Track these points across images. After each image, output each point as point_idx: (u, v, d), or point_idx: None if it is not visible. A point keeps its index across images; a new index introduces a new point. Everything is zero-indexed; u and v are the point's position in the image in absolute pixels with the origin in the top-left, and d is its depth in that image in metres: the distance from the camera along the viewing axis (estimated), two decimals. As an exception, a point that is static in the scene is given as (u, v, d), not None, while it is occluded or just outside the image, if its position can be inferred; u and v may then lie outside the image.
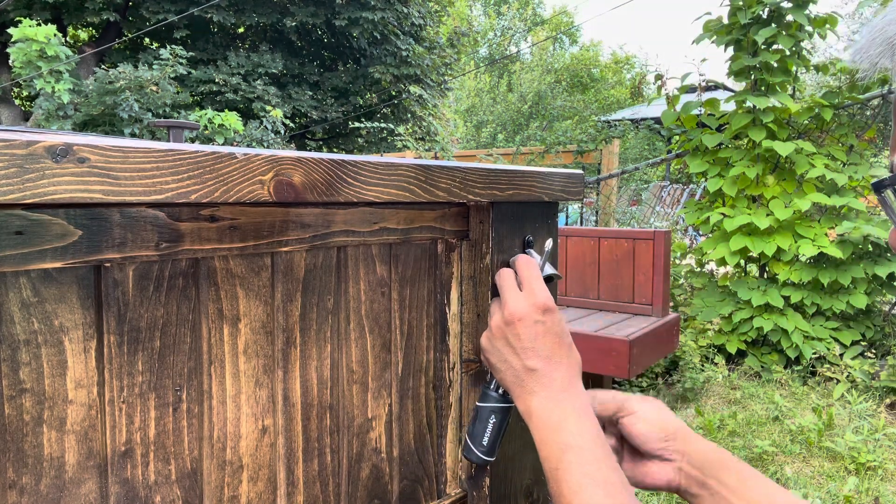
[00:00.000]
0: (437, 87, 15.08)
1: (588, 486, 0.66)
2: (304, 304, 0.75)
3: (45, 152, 0.48)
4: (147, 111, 8.88)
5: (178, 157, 0.56)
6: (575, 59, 25.37)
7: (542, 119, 18.85)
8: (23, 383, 0.54)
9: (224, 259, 0.67)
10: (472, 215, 0.92)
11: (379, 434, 0.85)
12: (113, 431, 0.59)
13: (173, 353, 0.63)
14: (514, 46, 27.50)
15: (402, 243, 0.86)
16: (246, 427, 0.70)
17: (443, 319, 0.93)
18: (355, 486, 0.82)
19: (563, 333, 0.79)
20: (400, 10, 13.55)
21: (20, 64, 8.49)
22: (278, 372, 0.73)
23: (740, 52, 4.85)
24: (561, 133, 8.55)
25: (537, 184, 0.94)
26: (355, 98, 14.53)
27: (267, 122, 9.81)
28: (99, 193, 0.51)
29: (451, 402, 0.95)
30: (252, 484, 0.71)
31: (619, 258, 4.30)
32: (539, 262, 0.91)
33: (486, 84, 24.83)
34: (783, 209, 4.62)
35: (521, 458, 0.99)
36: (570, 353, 0.79)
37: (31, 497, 0.55)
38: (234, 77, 12.18)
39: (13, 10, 11.41)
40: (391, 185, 0.75)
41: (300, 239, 0.73)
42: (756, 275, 5.19)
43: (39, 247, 0.54)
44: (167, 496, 0.64)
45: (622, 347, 3.69)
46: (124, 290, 0.60)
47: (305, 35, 14.40)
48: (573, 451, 0.69)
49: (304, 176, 0.66)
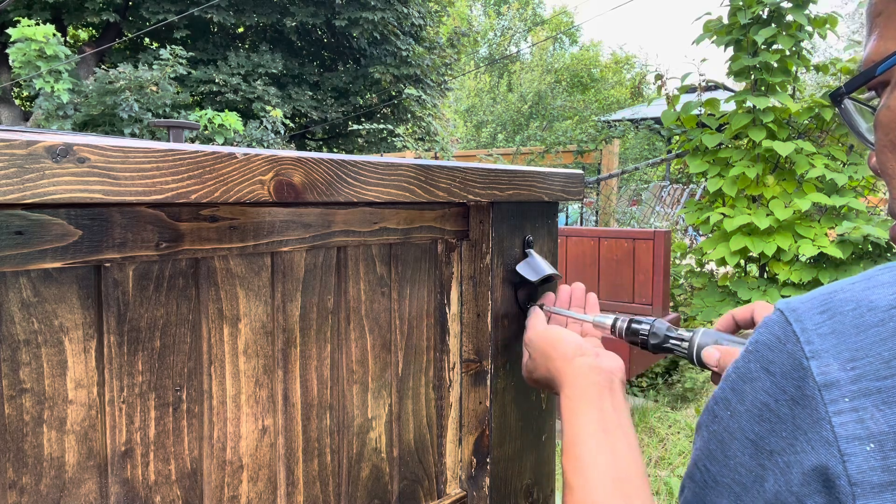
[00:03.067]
0: (437, 87, 15.09)
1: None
2: (304, 304, 0.75)
3: (45, 152, 0.48)
4: (147, 111, 8.88)
5: (178, 157, 0.56)
6: (575, 59, 25.38)
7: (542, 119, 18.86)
8: (23, 383, 0.54)
9: (224, 259, 0.67)
10: (472, 215, 0.92)
11: (379, 434, 0.85)
12: (113, 431, 0.59)
13: (173, 353, 0.63)
14: (514, 46, 27.51)
15: (402, 243, 0.86)
16: (246, 427, 0.70)
17: (443, 319, 0.93)
18: (355, 486, 0.82)
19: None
20: (400, 10, 13.55)
21: (19, 64, 8.49)
22: (278, 372, 0.73)
23: (740, 52, 4.85)
24: (561, 133, 8.55)
25: (537, 184, 0.94)
26: (355, 98, 14.53)
27: (267, 122, 9.82)
28: (99, 193, 0.51)
29: (451, 402, 0.95)
30: (252, 484, 0.71)
31: (619, 258, 4.31)
32: (539, 261, 0.91)
33: (486, 84, 24.83)
34: (783, 209, 4.62)
35: (522, 459, 0.99)
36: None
37: (31, 497, 0.55)
38: (234, 77, 12.18)
39: (13, 11, 11.41)
40: (391, 185, 0.75)
41: (300, 239, 0.73)
42: (756, 275, 5.20)
43: (39, 247, 0.54)
44: (167, 496, 0.64)
45: (622, 348, 3.68)
46: (124, 290, 0.60)
47: (305, 35, 14.40)
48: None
49: (304, 176, 0.66)
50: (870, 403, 0.36)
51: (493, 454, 0.94)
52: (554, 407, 1.03)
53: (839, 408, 0.36)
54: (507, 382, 0.95)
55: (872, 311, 0.38)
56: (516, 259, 0.95)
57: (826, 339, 0.39)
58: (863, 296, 0.39)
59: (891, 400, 0.35)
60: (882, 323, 0.37)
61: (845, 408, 0.36)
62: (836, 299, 0.40)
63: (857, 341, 0.38)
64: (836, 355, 0.38)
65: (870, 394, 0.36)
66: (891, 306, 0.38)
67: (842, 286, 0.41)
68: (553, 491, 1.06)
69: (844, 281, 0.41)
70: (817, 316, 0.40)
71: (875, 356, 0.37)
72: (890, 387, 0.36)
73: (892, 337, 0.37)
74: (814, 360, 0.38)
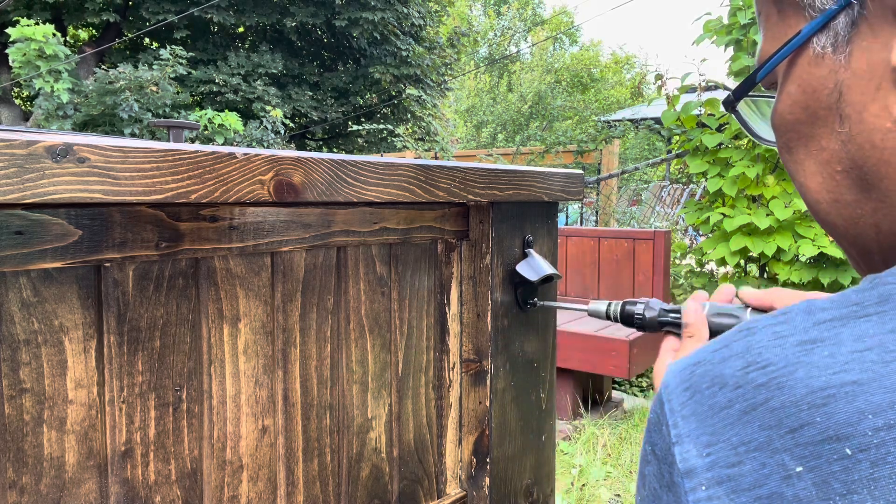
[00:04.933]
0: (437, 87, 15.09)
1: None
2: (304, 303, 0.75)
3: (45, 152, 0.48)
4: (147, 111, 8.89)
5: (178, 157, 0.56)
6: (575, 59, 25.38)
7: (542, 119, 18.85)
8: (23, 383, 0.54)
9: (224, 259, 0.67)
10: (471, 215, 0.92)
11: (379, 434, 0.85)
12: (113, 431, 0.59)
13: (173, 353, 0.63)
14: (514, 46, 27.50)
15: (402, 243, 0.86)
16: (246, 427, 0.70)
17: (443, 319, 0.93)
18: (355, 486, 0.82)
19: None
20: (400, 10, 13.55)
21: (19, 64, 8.49)
22: (278, 372, 0.73)
23: (740, 52, 4.85)
24: (561, 133, 8.56)
25: (537, 184, 0.94)
26: (355, 98, 14.53)
27: (267, 122, 9.82)
28: (99, 193, 0.51)
29: (451, 402, 0.95)
30: (252, 484, 0.71)
31: (619, 258, 4.31)
32: (539, 261, 0.91)
33: (486, 84, 24.83)
34: (783, 209, 4.62)
35: (521, 458, 0.99)
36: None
37: (31, 496, 0.55)
38: (234, 77, 12.18)
39: (13, 11, 11.42)
40: (391, 185, 0.75)
41: (300, 239, 0.73)
42: (756, 275, 5.20)
43: (40, 247, 0.54)
44: (167, 496, 0.64)
45: (622, 347, 3.69)
46: (124, 290, 0.60)
47: (305, 35, 14.41)
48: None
49: (304, 176, 0.66)
50: (722, 492, 0.34)
51: (492, 454, 0.94)
52: (554, 407, 1.03)
53: (697, 496, 0.35)
54: (506, 382, 0.95)
55: (723, 390, 0.36)
56: (516, 259, 0.95)
57: (688, 421, 0.37)
58: (717, 371, 0.37)
59: (739, 488, 0.34)
60: (730, 404, 0.36)
61: (702, 497, 0.35)
62: (696, 374, 0.38)
63: (711, 424, 0.36)
64: (695, 440, 0.36)
65: (722, 482, 0.34)
66: (737, 385, 0.36)
67: (703, 356, 0.39)
68: (553, 491, 1.06)
69: (707, 348, 0.39)
70: (682, 394, 0.38)
71: (725, 441, 0.35)
72: (737, 475, 0.34)
73: (738, 420, 0.35)
74: (677, 446, 0.37)
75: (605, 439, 3.48)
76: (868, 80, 0.41)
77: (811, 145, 0.46)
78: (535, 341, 1.00)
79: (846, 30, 0.42)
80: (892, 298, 0.35)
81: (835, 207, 0.46)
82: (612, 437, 3.54)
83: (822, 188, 0.46)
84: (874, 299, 0.36)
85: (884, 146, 0.41)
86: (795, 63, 0.46)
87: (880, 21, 0.40)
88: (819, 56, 0.44)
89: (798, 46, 0.45)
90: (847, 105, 0.43)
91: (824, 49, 0.43)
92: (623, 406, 4.18)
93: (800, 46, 0.45)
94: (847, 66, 0.43)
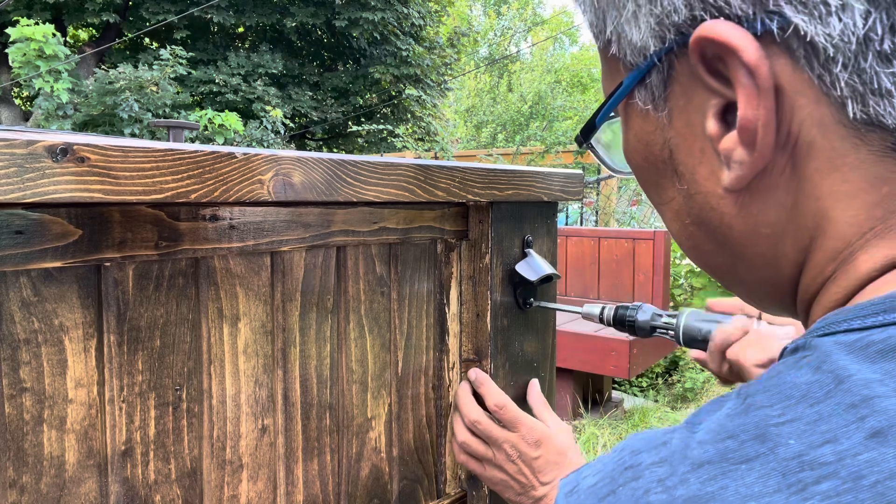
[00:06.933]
0: (436, 87, 15.09)
1: None
2: (304, 303, 0.75)
3: (45, 152, 0.48)
4: (147, 111, 8.89)
5: (177, 156, 0.56)
6: (575, 59, 25.39)
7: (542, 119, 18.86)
8: (23, 382, 0.54)
9: (224, 258, 0.67)
10: (471, 215, 0.93)
11: (378, 434, 0.85)
12: (113, 431, 0.59)
13: (173, 353, 0.63)
14: (514, 46, 27.51)
15: (402, 243, 0.86)
16: (246, 426, 0.70)
17: (442, 319, 0.93)
18: (355, 486, 0.83)
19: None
20: (400, 10, 13.55)
21: (19, 63, 8.50)
22: (278, 371, 0.73)
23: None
24: (561, 133, 8.56)
25: (537, 184, 0.95)
26: (355, 98, 14.54)
27: (267, 122, 9.82)
28: (99, 193, 0.52)
29: (450, 402, 0.95)
30: (252, 483, 0.71)
31: (619, 258, 4.31)
32: (538, 261, 0.91)
33: (486, 84, 24.84)
34: (783, 209, 4.62)
35: (521, 458, 0.99)
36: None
37: (32, 496, 0.55)
38: (234, 77, 12.19)
39: (13, 11, 11.42)
40: (391, 184, 0.75)
41: (300, 238, 0.73)
42: (756, 275, 5.19)
43: (40, 246, 0.54)
44: (167, 495, 0.64)
45: (622, 347, 3.69)
46: (124, 290, 0.60)
47: (305, 35, 14.41)
48: None
49: (304, 175, 0.66)
50: None
51: (492, 454, 0.94)
52: (553, 407, 1.03)
53: None
54: (506, 382, 0.95)
55: None
56: (515, 259, 0.95)
57: None
58: (602, 492, 0.34)
59: None
60: None
61: None
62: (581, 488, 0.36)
63: None
64: None
65: None
66: None
67: (589, 499, 0.35)
68: (552, 490, 1.07)
69: (596, 489, 0.35)
70: None
71: None
72: None
73: None
74: None
75: (605, 439, 3.48)
76: (692, 142, 0.38)
77: (661, 193, 0.43)
78: (535, 341, 1.00)
79: (659, 89, 0.39)
80: (770, 435, 0.29)
81: (697, 254, 0.44)
82: (612, 437, 3.54)
83: (681, 235, 0.43)
84: (750, 432, 0.30)
85: (721, 210, 0.38)
86: (628, 112, 0.42)
87: (693, 84, 0.37)
88: (644, 112, 0.40)
89: (625, 97, 0.41)
90: (679, 164, 0.40)
91: (646, 105, 0.40)
92: (623, 406, 4.19)
93: (627, 97, 0.41)
94: (670, 126, 0.39)
